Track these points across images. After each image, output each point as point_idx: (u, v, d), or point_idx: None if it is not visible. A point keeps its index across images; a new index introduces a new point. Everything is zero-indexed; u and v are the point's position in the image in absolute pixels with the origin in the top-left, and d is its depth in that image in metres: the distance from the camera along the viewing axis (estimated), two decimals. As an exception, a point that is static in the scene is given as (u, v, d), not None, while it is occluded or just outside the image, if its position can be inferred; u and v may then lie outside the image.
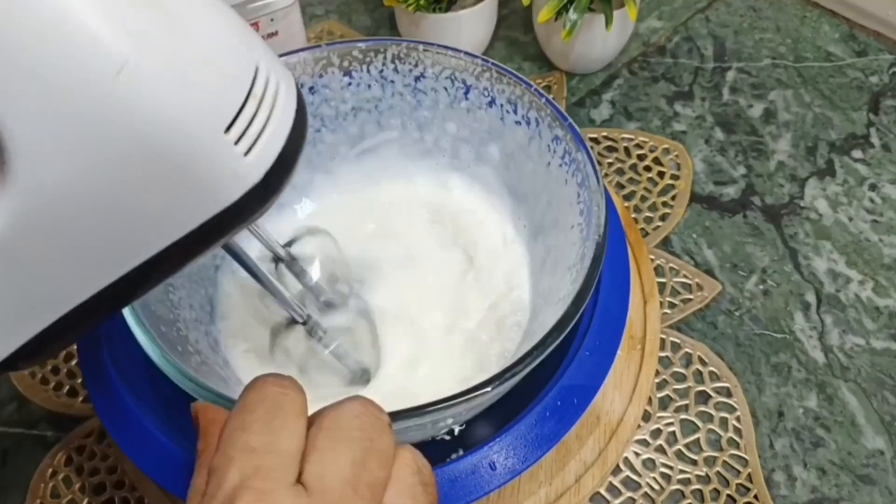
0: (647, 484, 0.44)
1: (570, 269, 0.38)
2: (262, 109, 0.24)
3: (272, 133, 0.25)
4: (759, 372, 0.48)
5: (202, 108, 0.23)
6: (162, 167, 0.23)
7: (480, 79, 0.44)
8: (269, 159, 0.25)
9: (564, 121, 0.41)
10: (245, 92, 0.24)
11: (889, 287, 0.51)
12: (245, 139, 0.24)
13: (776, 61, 0.65)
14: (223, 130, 0.23)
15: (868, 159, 0.58)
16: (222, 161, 0.24)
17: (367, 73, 0.46)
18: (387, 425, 0.24)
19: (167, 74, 0.22)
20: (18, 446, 0.47)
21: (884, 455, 0.44)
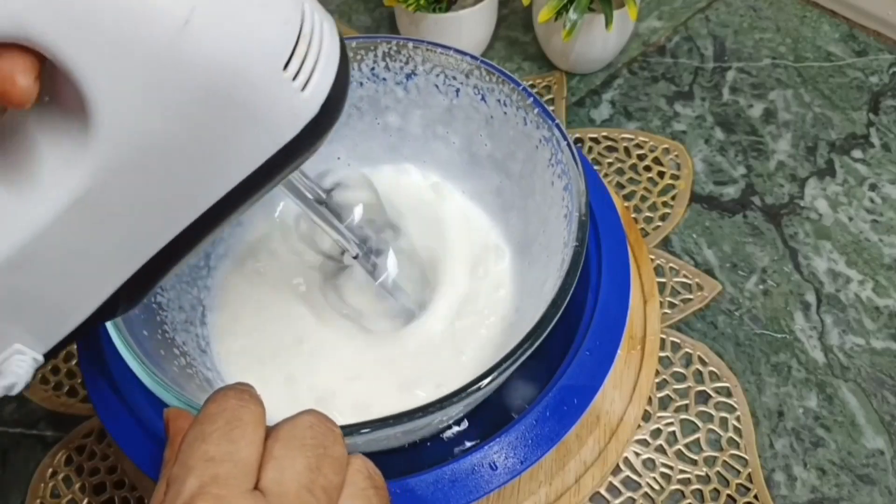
0: (647, 484, 0.44)
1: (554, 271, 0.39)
2: (312, 46, 0.26)
3: (323, 68, 0.26)
4: (759, 372, 0.48)
5: (263, 50, 0.24)
6: (230, 109, 0.24)
7: (470, 76, 0.44)
8: (323, 93, 0.27)
9: (552, 121, 0.41)
10: (297, 31, 0.25)
11: (889, 287, 0.51)
12: (301, 75, 0.25)
13: (776, 61, 0.65)
14: (282, 68, 0.25)
15: (868, 159, 0.58)
16: (283, 97, 0.25)
17: (359, 70, 0.46)
18: (339, 436, 0.25)
19: (229, 20, 0.23)
20: (18, 446, 0.47)
21: (884, 455, 0.44)
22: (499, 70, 0.43)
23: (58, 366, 0.50)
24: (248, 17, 0.24)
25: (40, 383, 0.49)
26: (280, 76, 0.25)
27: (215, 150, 0.26)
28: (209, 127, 0.25)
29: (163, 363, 0.36)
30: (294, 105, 0.26)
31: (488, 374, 0.32)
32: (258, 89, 0.25)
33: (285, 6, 0.25)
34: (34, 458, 0.46)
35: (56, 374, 0.49)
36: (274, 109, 0.25)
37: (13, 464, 0.46)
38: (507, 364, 0.33)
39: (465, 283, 0.46)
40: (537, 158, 0.42)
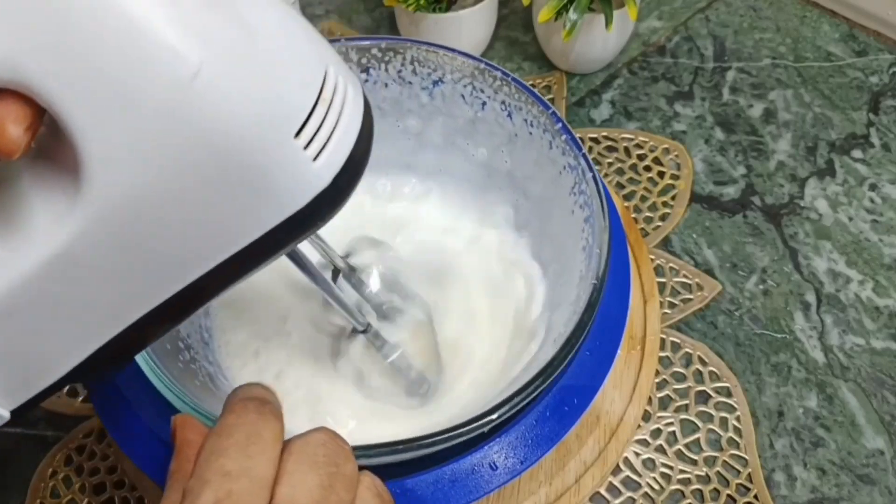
0: (647, 484, 0.44)
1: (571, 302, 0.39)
2: (330, 114, 0.24)
3: (340, 138, 0.24)
4: (759, 372, 0.48)
5: (274, 113, 0.23)
6: (233, 172, 0.23)
7: (499, 92, 0.44)
8: (337, 164, 0.25)
9: (578, 150, 0.40)
10: (315, 96, 0.24)
11: (889, 287, 0.51)
12: (314, 144, 0.24)
13: (776, 61, 0.65)
14: (293, 135, 0.23)
15: (868, 159, 0.58)
16: (292, 166, 0.24)
17: (386, 72, 0.46)
18: (350, 453, 0.25)
19: (240, 78, 0.22)
20: (18, 446, 0.47)
21: (884, 455, 0.44)
22: (529, 90, 0.43)
23: (58, 366, 0.50)
24: (261, 77, 0.22)
25: (40, 383, 0.49)
26: (291, 143, 0.23)
27: (214, 216, 0.24)
28: (209, 191, 0.23)
29: (167, 359, 0.35)
30: (304, 175, 0.24)
31: (500, 407, 0.33)
32: (265, 155, 0.23)
33: (306, 67, 0.24)
34: (34, 458, 0.46)
35: (56, 374, 0.49)
36: (281, 178, 0.23)
37: (13, 464, 0.46)
38: (520, 398, 0.33)
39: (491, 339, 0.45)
40: (560, 184, 0.42)
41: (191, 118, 0.21)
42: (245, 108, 0.22)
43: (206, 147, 0.22)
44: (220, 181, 0.23)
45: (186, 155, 0.22)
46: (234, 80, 0.21)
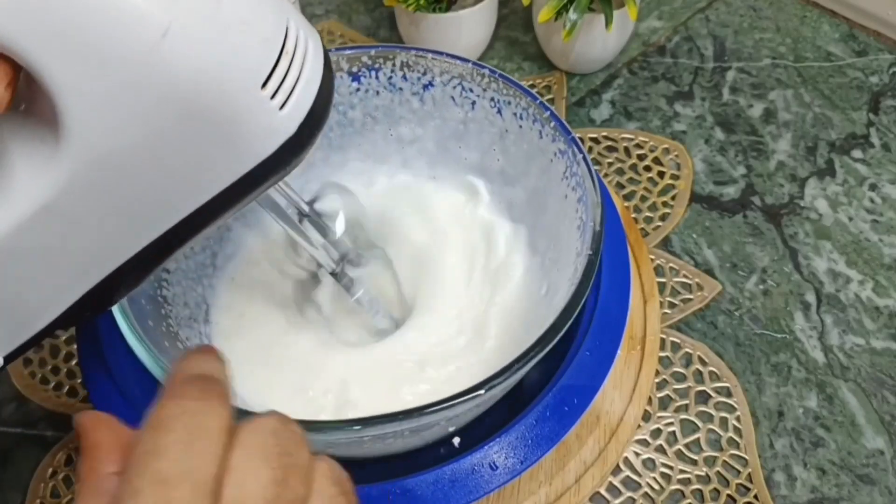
0: (647, 484, 0.44)
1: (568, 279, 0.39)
2: (293, 65, 0.26)
3: (304, 87, 0.26)
4: (759, 372, 0.48)
5: (241, 66, 0.24)
6: (204, 124, 0.24)
7: (487, 89, 0.44)
8: (301, 112, 0.26)
9: (567, 134, 0.41)
10: (278, 49, 0.25)
11: (889, 287, 0.51)
12: (280, 94, 0.25)
13: (776, 61, 0.65)
14: (260, 86, 0.25)
15: (868, 159, 0.58)
16: (260, 115, 0.25)
17: (376, 79, 0.46)
18: (303, 439, 0.22)
19: (207, 35, 0.23)
20: (18, 446, 0.47)
21: (884, 455, 0.44)
22: (516, 83, 0.43)
23: (58, 366, 0.50)
24: (227, 33, 0.23)
25: (40, 383, 0.49)
26: (258, 94, 0.25)
27: (188, 165, 0.25)
28: (183, 141, 0.24)
29: (166, 354, 0.36)
30: (271, 123, 0.26)
31: (497, 377, 0.32)
32: (234, 106, 0.24)
33: (268, 23, 0.25)
34: (34, 458, 0.46)
35: (56, 374, 0.49)
36: (250, 127, 0.25)
37: (13, 464, 0.46)
38: (517, 367, 0.32)
39: (464, 297, 0.46)
40: (552, 172, 0.42)
41: (162, 74, 0.22)
42: (213, 64, 0.23)
43: (179, 101, 0.23)
44: (193, 133, 0.24)
45: (160, 108, 0.23)
46: (201, 38, 0.23)
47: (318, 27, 0.71)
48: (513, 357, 0.33)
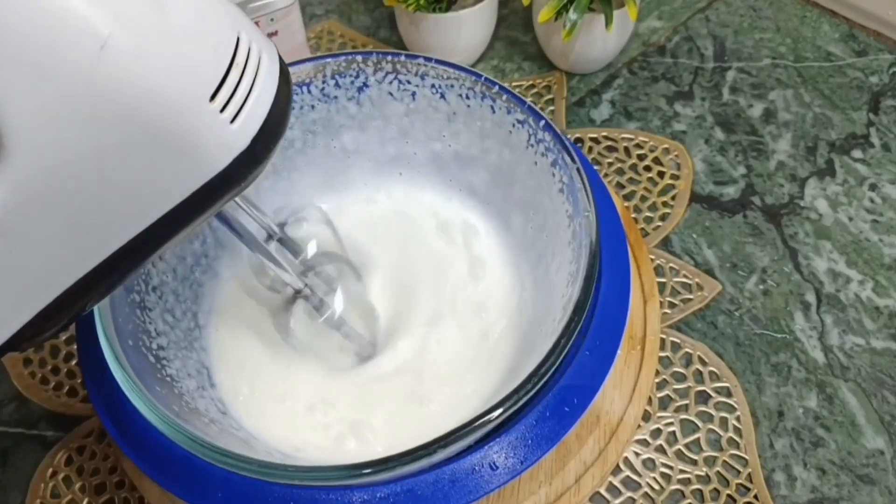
0: (647, 484, 0.44)
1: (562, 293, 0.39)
2: (245, 77, 0.25)
3: (256, 100, 0.25)
4: (759, 372, 0.48)
5: (186, 78, 0.23)
6: (150, 137, 0.23)
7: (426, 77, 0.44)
8: (254, 126, 0.25)
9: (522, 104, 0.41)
10: (228, 60, 0.24)
11: (889, 287, 0.51)
12: (230, 107, 0.24)
13: (776, 61, 0.65)
14: (208, 99, 0.24)
15: (868, 159, 0.58)
16: (209, 129, 0.24)
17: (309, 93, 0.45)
18: None
19: (150, 46, 0.22)
20: (18, 446, 0.47)
21: (884, 455, 0.44)
22: (454, 66, 0.43)
23: (58, 366, 0.50)
24: (172, 43, 0.23)
25: (40, 383, 0.49)
26: (206, 107, 0.24)
27: (137, 180, 0.24)
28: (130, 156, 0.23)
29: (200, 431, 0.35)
30: (222, 137, 0.25)
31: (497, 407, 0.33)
32: (182, 120, 0.23)
33: (217, 33, 0.24)
34: (34, 459, 0.46)
35: (56, 375, 0.49)
36: (199, 141, 0.24)
37: (13, 464, 0.46)
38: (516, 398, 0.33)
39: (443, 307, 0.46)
40: (513, 143, 0.42)
41: (103, 87, 0.22)
42: (156, 75, 0.22)
43: (123, 114, 0.22)
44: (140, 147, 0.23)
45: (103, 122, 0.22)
46: (143, 49, 0.22)
47: (318, 27, 0.71)
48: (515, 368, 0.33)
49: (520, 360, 0.41)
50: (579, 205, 0.38)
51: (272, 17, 0.57)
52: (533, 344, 0.40)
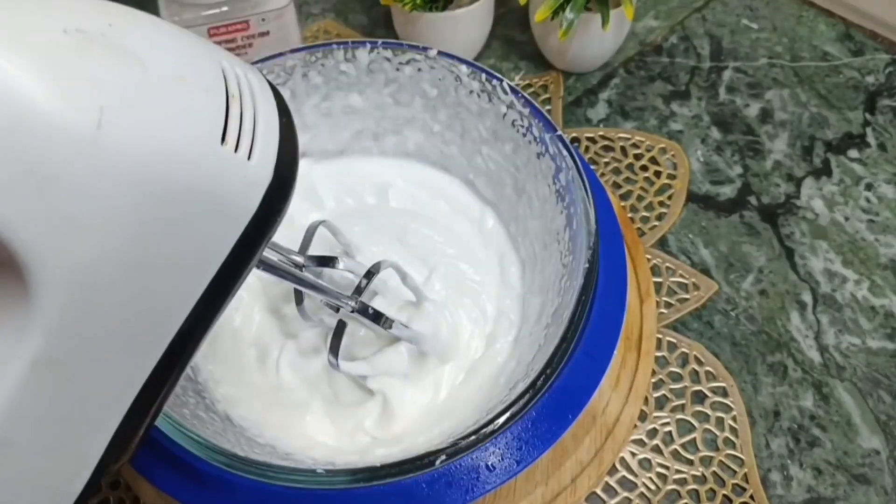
0: (643, 484, 0.44)
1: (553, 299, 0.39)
2: (245, 108, 0.23)
3: (265, 128, 0.24)
4: (755, 371, 0.48)
5: (191, 128, 0.21)
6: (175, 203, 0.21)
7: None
8: (272, 155, 0.24)
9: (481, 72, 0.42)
10: (223, 96, 0.23)
11: (885, 287, 0.51)
12: (242, 144, 0.23)
13: (772, 61, 0.65)
14: (219, 142, 0.22)
15: (864, 159, 0.58)
16: (231, 173, 0.23)
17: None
18: None
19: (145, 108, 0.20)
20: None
21: (879, 455, 0.44)
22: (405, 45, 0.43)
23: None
24: (165, 96, 0.21)
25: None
26: (220, 151, 0.22)
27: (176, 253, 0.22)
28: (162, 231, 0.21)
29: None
30: (246, 177, 0.23)
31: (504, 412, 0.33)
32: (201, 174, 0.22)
33: (204, 73, 0.22)
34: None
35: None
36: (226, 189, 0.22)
37: (8, 464, 0.46)
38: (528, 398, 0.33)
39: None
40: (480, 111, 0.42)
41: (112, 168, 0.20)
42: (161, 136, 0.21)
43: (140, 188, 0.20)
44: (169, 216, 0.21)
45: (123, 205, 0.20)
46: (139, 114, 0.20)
47: (315, 26, 0.71)
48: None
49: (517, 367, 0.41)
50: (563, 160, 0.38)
51: (263, 18, 0.56)
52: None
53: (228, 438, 0.37)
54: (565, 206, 0.39)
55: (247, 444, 0.38)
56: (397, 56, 0.44)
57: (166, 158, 0.21)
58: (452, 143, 0.48)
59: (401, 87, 0.46)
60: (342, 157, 0.50)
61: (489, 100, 0.43)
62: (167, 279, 0.23)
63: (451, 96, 0.45)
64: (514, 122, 0.42)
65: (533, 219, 0.44)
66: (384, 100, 0.47)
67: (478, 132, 0.45)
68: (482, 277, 0.46)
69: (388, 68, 0.45)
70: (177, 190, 0.21)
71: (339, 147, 0.50)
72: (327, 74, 0.45)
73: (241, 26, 0.55)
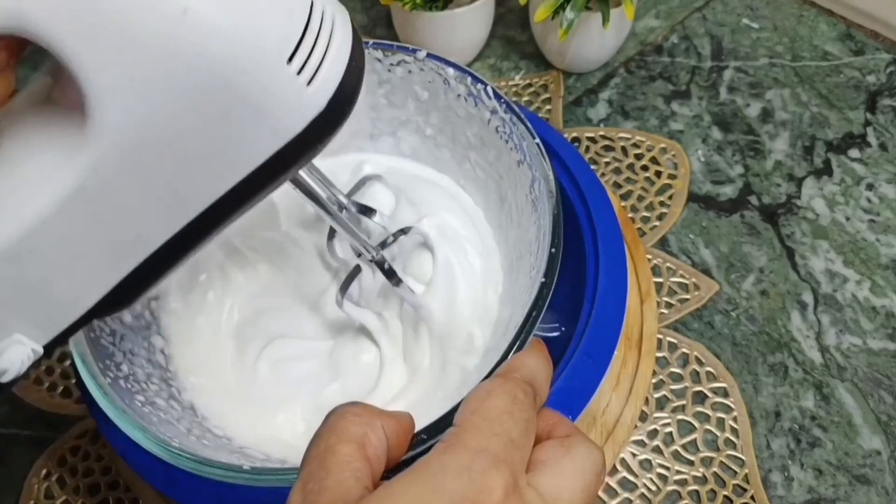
0: (643, 485, 0.44)
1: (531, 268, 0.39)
2: (320, 40, 0.25)
3: (332, 63, 0.26)
4: (755, 372, 0.48)
5: (264, 40, 0.24)
6: (230, 101, 0.24)
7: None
8: (330, 89, 0.26)
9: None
10: (303, 23, 0.25)
11: (886, 287, 0.51)
12: (307, 69, 0.25)
13: (773, 60, 0.65)
14: (286, 61, 0.24)
15: (865, 159, 0.58)
16: (286, 91, 0.25)
17: None
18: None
19: (229, 10, 0.23)
20: (12, 446, 0.47)
21: (880, 455, 0.44)
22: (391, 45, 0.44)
23: (52, 366, 0.50)
24: (249, 7, 0.23)
25: (34, 384, 0.49)
26: (284, 69, 0.24)
27: (217, 143, 0.25)
28: (210, 119, 0.24)
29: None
30: (300, 99, 0.25)
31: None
32: (260, 82, 0.24)
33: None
34: (28, 459, 0.46)
35: (50, 375, 0.49)
36: (277, 104, 0.25)
37: (7, 464, 0.46)
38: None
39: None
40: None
41: (185, 50, 0.22)
42: (236, 38, 0.23)
43: (204, 77, 0.23)
44: (220, 110, 0.24)
45: (185, 85, 0.23)
46: (223, 12, 0.23)
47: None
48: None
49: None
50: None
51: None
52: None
53: (183, 426, 0.36)
54: (538, 217, 0.39)
55: (200, 432, 0.37)
56: (388, 57, 0.44)
57: (234, 58, 0.23)
58: (444, 147, 0.48)
59: (393, 87, 0.46)
60: (339, 154, 0.50)
61: (475, 104, 0.43)
62: (202, 163, 0.25)
63: (441, 99, 0.45)
64: (497, 128, 0.42)
65: (512, 229, 0.44)
66: (378, 100, 0.47)
67: (466, 138, 0.45)
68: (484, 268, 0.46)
69: (379, 69, 0.45)
70: (236, 88, 0.24)
71: (336, 146, 0.50)
72: None
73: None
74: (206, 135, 0.25)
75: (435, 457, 0.21)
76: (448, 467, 0.21)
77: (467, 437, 0.22)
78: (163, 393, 0.38)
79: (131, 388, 0.36)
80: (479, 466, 0.21)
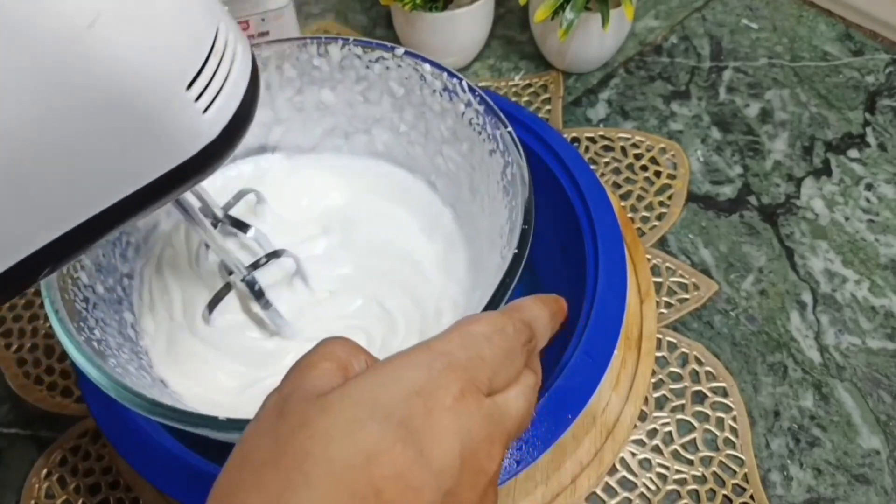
0: (643, 484, 0.44)
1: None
2: (221, 68, 0.26)
3: (230, 92, 0.26)
4: (755, 371, 0.48)
5: (167, 64, 0.24)
6: (124, 119, 0.24)
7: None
8: (224, 118, 0.26)
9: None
10: (207, 50, 0.25)
11: (885, 287, 0.51)
12: (204, 97, 0.25)
13: (772, 61, 0.65)
14: (185, 87, 0.24)
15: (864, 159, 0.58)
16: (182, 116, 0.25)
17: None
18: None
19: (134, 30, 0.23)
20: (13, 446, 0.47)
21: (879, 455, 0.44)
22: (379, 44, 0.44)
23: (52, 366, 0.50)
24: (156, 30, 0.23)
25: (35, 383, 0.49)
26: (182, 95, 0.24)
27: (106, 158, 0.25)
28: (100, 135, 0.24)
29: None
30: (194, 126, 0.25)
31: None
32: (157, 105, 0.24)
33: (198, 23, 0.25)
34: (29, 459, 0.46)
35: (50, 375, 0.49)
36: (172, 128, 0.25)
37: (8, 464, 0.46)
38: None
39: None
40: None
41: (86, 64, 0.22)
42: (138, 59, 0.23)
43: (100, 92, 0.23)
44: (112, 127, 0.24)
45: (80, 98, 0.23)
46: (128, 32, 0.23)
47: (314, 26, 0.71)
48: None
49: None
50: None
51: (263, 17, 0.56)
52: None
53: (154, 394, 0.36)
54: (509, 200, 0.39)
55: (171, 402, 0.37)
56: (367, 53, 0.45)
57: (134, 79, 0.23)
58: (417, 143, 0.48)
59: (370, 84, 0.46)
60: (313, 153, 0.51)
61: (450, 98, 0.43)
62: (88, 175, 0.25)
63: (416, 95, 0.45)
64: (471, 120, 0.42)
65: (483, 218, 0.44)
66: (355, 97, 0.47)
67: (439, 132, 0.46)
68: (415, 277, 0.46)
69: (358, 65, 0.45)
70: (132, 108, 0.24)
71: (311, 144, 0.50)
72: (301, 68, 0.46)
73: (241, 26, 0.56)
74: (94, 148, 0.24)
75: (402, 353, 0.23)
76: (410, 361, 0.23)
77: (436, 342, 0.23)
78: (133, 363, 0.39)
79: (104, 352, 0.36)
80: (440, 365, 0.22)
